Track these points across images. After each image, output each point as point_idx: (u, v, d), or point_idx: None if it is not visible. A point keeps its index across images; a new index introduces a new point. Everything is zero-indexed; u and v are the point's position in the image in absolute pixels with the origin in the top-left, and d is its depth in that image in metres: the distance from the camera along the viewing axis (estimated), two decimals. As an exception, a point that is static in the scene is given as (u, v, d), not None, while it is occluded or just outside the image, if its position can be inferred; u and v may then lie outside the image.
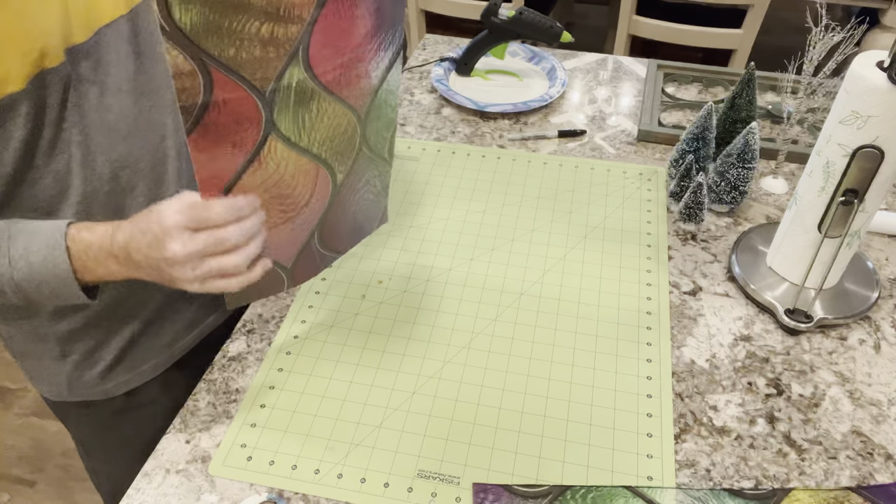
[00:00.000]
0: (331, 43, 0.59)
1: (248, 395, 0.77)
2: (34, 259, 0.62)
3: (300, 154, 0.63)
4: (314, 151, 0.64)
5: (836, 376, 0.79)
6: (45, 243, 0.62)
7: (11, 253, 0.62)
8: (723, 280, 0.90)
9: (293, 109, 0.60)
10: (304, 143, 0.63)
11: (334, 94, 0.62)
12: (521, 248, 0.94)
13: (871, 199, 0.76)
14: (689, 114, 1.20)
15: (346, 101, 0.64)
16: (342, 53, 0.61)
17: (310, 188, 0.66)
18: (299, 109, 0.61)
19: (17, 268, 0.62)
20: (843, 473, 0.70)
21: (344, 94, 0.63)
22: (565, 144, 1.13)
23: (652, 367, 0.79)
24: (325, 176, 0.66)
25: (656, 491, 0.68)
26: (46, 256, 0.62)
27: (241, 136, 0.58)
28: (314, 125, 0.63)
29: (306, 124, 0.62)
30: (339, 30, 0.59)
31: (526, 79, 1.28)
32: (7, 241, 0.62)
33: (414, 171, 1.07)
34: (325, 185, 0.67)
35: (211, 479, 0.70)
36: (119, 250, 0.62)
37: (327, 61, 0.60)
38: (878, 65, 0.70)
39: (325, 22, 0.58)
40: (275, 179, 0.63)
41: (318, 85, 0.61)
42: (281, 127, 0.60)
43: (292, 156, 0.63)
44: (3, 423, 1.76)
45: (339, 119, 0.64)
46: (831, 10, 2.50)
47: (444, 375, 0.79)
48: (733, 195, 0.96)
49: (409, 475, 0.70)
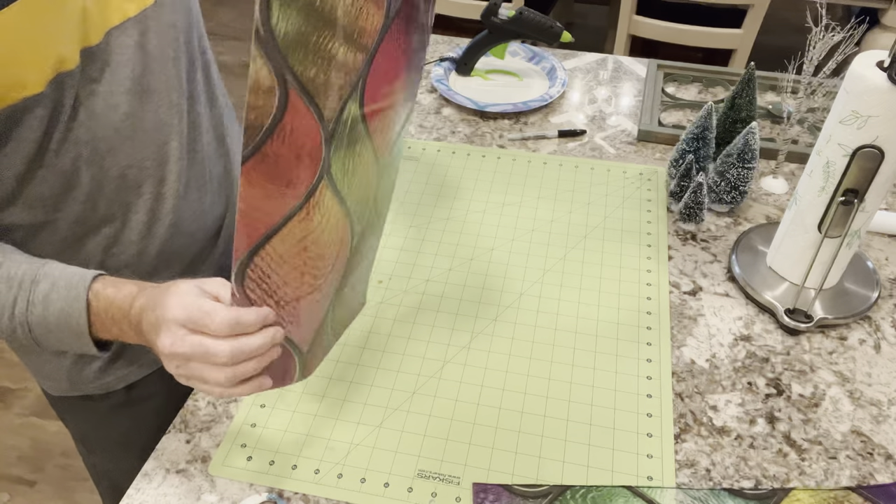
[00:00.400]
0: (381, 80, 0.55)
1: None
2: (52, 308, 0.61)
3: (339, 205, 0.56)
4: (348, 203, 0.57)
5: (836, 376, 0.79)
6: (66, 294, 0.61)
7: (31, 297, 0.62)
8: (723, 280, 0.90)
9: (345, 149, 0.54)
10: (345, 192, 0.56)
11: (371, 138, 0.57)
12: (521, 248, 0.94)
13: (871, 199, 0.76)
14: (689, 114, 1.20)
15: (376, 150, 0.58)
16: (384, 96, 0.56)
17: (337, 248, 0.59)
18: (349, 151, 0.55)
19: (33, 312, 0.62)
20: (843, 473, 0.70)
21: (376, 142, 0.58)
22: (565, 144, 1.13)
23: (652, 367, 0.79)
24: (347, 235, 0.59)
25: (656, 491, 0.68)
26: (64, 308, 0.61)
27: (298, 174, 0.51)
28: (354, 171, 0.56)
29: (349, 169, 0.55)
30: (386, 69, 0.55)
31: (526, 79, 1.28)
32: (30, 284, 0.62)
33: (414, 171, 1.07)
34: (346, 246, 0.60)
35: (211, 479, 0.70)
36: (135, 315, 0.61)
37: (374, 100, 0.55)
38: (878, 65, 0.70)
39: (381, 56, 0.54)
40: (316, 236, 0.55)
41: (365, 129, 0.55)
42: (333, 169, 0.53)
43: (334, 207, 0.56)
44: (3, 423, 1.76)
45: (366, 167, 0.58)
46: (831, 9, 2.50)
47: (443, 375, 0.79)
48: (733, 195, 0.96)
49: (409, 475, 0.70)
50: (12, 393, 1.82)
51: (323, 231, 0.56)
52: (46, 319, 0.62)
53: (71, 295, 0.61)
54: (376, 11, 0.51)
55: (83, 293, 0.61)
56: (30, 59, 0.58)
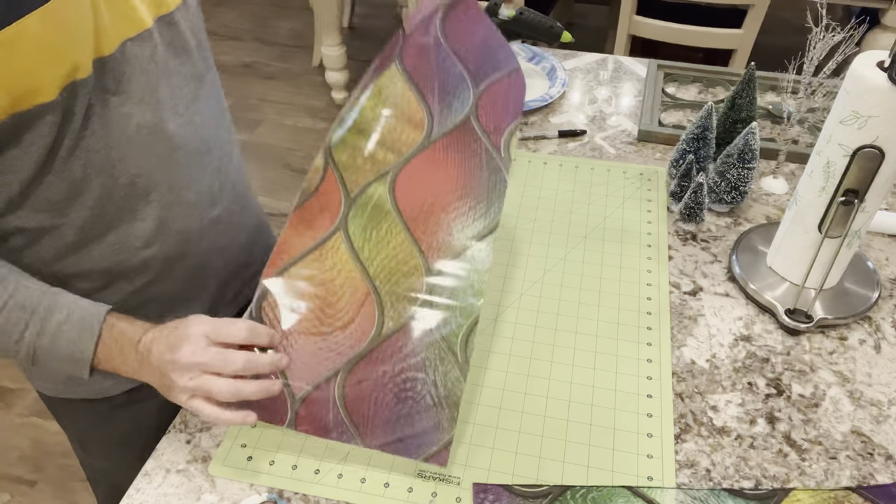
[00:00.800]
0: (420, 177, 0.69)
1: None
2: (63, 338, 0.65)
3: (356, 265, 0.68)
4: (370, 271, 0.67)
5: (837, 376, 0.79)
6: (79, 326, 0.65)
7: (43, 326, 0.64)
8: (723, 280, 0.90)
9: (366, 219, 0.69)
10: (364, 256, 0.68)
11: (407, 227, 0.68)
12: (521, 248, 0.94)
13: (871, 200, 0.76)
14: (690, 114, 1.20)
15: (416, 241, 0.68)
16: (426, 195, 0.69)
17: (353, 311, 0.67)
18: (371, 222, 0.69)
19: (42, 340, 0.65)
20: (843, 474, 0.70)
21: (417, 234, 0.68)
22: (565, 144, 1.13)
23: (652, 367, 0.79)
24: (372, 310, 0.66)
25: (656, 491, 0.68)
26: (74, 339, 0.65)
27: (320, 221, 0.69)
28: (379, 243, 0.68)
29: (372, 238, 0.68)
30: (430, 173, 0.69)
31: (526, 79, 1.27)
32: (45, 312, 0.65)
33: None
34: (369, 320, 0.66)
35: (211, 479, 0.70)
36: (143, 348, 0.65)
37: (410, 193, 0.69)
38: (878, 65, 0.70)
39: (419, 161, 0.70)
40: (327, 278, 0.68)
41: (395, 208, 0.69)
42: (350, 228, 0.69)
43: (349, 264, 0.68)
44: (3, 423, 1.76)
45: (404, 253, 0.68)
46: (831, 10, 2.50)
47: (444, 375, 0.79)
48: (733, 195, 0.96)
49: (409, 475, 0.70)
50: (13, 393, 1.82)
51: (333, 279, 0.68)
52: (54, 347, 0.65)
53: (84, 327, 0.65)
54: (414, 133, 0.71)
55: (96, 326, 0.65)
56: (45, 67, 0.59)
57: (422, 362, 0.66)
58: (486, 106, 0.73)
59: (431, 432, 0.66)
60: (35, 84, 0.59)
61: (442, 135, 0.71)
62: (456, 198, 0.69)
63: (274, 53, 3.19)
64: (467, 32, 0.75)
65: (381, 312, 0.67)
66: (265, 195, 2.40)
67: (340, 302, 0.68)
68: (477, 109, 0.73)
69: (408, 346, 0.67)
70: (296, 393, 0.67)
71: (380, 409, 0.66)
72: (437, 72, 0.73)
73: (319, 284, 0.68)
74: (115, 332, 0.66)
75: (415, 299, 0.68)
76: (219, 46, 3.23)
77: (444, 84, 0.73)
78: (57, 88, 0.60)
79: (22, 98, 0.59)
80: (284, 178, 2.51)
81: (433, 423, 0.66)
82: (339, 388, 0.66)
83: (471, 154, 0.71)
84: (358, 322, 0.67)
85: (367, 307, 0.67)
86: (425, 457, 0.66)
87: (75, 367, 0.66)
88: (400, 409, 0.66)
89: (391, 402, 0.66)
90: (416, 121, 0.72)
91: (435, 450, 0.66)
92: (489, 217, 0.69)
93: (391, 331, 0.67)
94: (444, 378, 0.66)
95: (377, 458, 0.71)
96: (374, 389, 0.66)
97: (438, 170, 0.70)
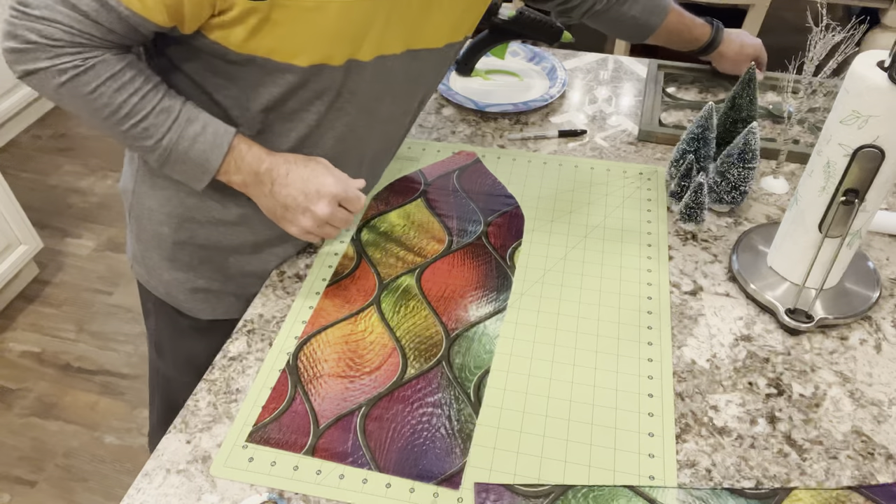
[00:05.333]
0: (441, 274, 0.90)
1: (249, 395, 0.77)
2: (197, 146, 0.75)
3: (385, 328, 0.83)
4: (397, 334, 0.82)
5: (837, 376, 0.79)
6: (212, 140, 0.76)
7: (183, 132, 0.74)
8: (723, 280, 0.90)
9: (396, 299, 0.86)
10: (393, 323, 0.83)
11: (430, 305, 0.86)
12: (522, 248, 0.94)
13: (871, 199, 0.76)
14: (690, 114, 1.20)
15: (438, 315, 0.84)
16: (447, 283, 0.88)
17: (380, 360, 0.80)
18: (400, 301, 0.86)
19: (180, 145, 0.75)
20: (843, 473, 0.70)
21: (439, 310, 0.85)
22: (565, 144, 1.13)
23: (653, 367, 0.79)
24: (397, 360, 0.80)
25: (658, 490, 0.68)
26: (206, 150, 0.76)
27: (356, 299, 0.87)
28: (406, 315, 0.84)
29: (400, 311, 0.85)
30: (450, 272, 0.90)
31: (526, 79, 1.28)
32: (184, 120, 0.75)
33: (414, 171, 1.07)
34: (394, 368, 0.79)
35: (212, 480, 0.70)
36: (267, 175, 0.79)
37: (434, 283, 0.88)
38: (878, 64, 0.70)
39: (441, 263, 0.91)
40: (359, 336, 0.82)
41: (420, 293, 0.87)
42: (382, 305, 0.86)
43: (379, 327, 0.83)
44: (3, 423, 1.76)
45: (427, 323, 0.84)
46: (831, 9, 2.50)
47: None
48: (734, 195, 0.96)
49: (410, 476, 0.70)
50: (13, 393, 1.82)
51: (364, 337, 0.82)
52: (188, 152, 0.75)
53: (216, 143, 0.76)
54: (437, 245, 0.94)
55: (225, 143, 0.76)
56: (338, 42, 0.73)
57: (438, 401, 0.76)
58: (494, 232, 0.96)
59: (445, 459, 0.71)
60: (328, 51, 0.73)
61: (460, 247, 0.93)
62: (472, 289, 0.88)
63: (274, 53, 3.18)
64: (478, 183, 1.04)
65: (404, 362, 0.80)
66: (265, 195, 2.39)
67: (369, 354, 0.80)
68: (487, 234, 0.95)
69: (427, 388, 0.77)
70: (320, 423, 0.74)
71: (397, 438, 0.72)
72: (455, 209, 0.99)
73: (352, 341, 0.82)
74: (237, 153, 0.78)
75: (435, 354, 0.80)
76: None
77: (461, 217, 0.98)
78: (343, 60, 0.74)
79: (331, 57, 0.74)
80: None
81: (446, 450, 0.72)
82: (360, 419, 0.74)
83: (483, 262, 0.92)
84: (384, 368, 0.79)
85: (392, 358, 0.80)
86: (438, 481, 0.69)
87: (200, 174, 0.78)
88: (415, 439, 0.72)
89: (408, 433, 0.73)
90: (438, 238, 0.94)
91: (449, 474, 0.70)
92: (499, 303, 0.87)
93: (412, 376, 0.78)
94: (458, 414, 0.75)
95: (378, 458, 0.71)
96: (393, 421, 0.74)
97: (457, 270, 0.90)
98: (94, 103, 0.71)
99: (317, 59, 0.73)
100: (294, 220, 0.81)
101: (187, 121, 0.75)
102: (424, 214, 0.98)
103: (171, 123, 0.74)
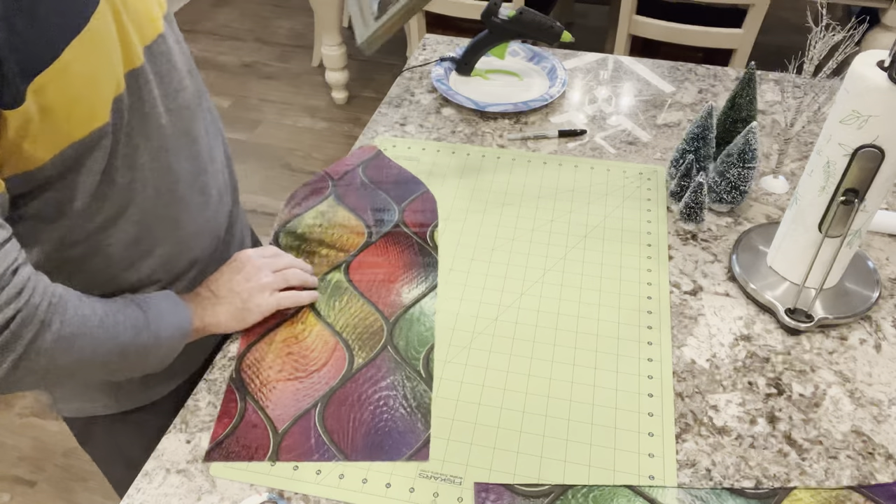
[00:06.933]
0: (368, 264, 0.91)
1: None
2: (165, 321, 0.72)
3: (325, 326, 0.84)
4: (337, 328, 0.83)
5: (837, 376, 0.79)
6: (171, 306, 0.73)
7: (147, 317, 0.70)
8: (723, 280, 0.90)
9: (328, 296, 0.87)
10: (331, 320, 0.84)
11: (364, 295, 0.87)
12: (522, 248, 0.94)
13: (871, 199, 0.76)
14: (690, 114, 1.20)
15: (374, 304, 0.86)
16: (375, 273, 0.90)
17: (325, 357, 0.80)
18: (333, 296, 0.87)
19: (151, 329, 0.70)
20: (843, 473, 0.70)
21: (374, 299, 0.87)
22: (565, 144, 1.13)
23: (653, 367, 0.79)
24: (343, 354, 0.81)
25: (658, 490, 0.68)
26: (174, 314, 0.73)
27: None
28: (342, 309, 0.85)
29: (335, 306, 0.86)
30: (375, 261, 0.92)
31: (526, 78, 1.28)
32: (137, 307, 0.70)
33: (414, 171, 1.07)
34: (341, 361, 0.80)
35: (211, 480, 0.70)
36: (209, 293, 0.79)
37: (362, 274, 0.90)
38: (878, 64, 0.70)
39: (365, 255, 0.93)
40: (300, 338, 0.82)
41: (351, 286, 0.88)
42: (316, 303, 0.86)
43: (317, 325, 0.84)
44: (3, 423, 1.76)
45: (364, 313, 0.85)
46: (831, 9, 2.50)
47: (445, 375, 0.79)
48: (734, 195, 0.96)
49: (410, 475, 0.70)
50: (13, 393, 1.82)
51: (306, 337, 0.83)
52: (162, 329, 0.71)
53: (175, 303, 0.73)
54: (358, 238, 0.95)
55: (178, 298, 0.74)
56: (95, 91, 0.60)
57: (391, 383, 0.78)
58: (409, 217, 0.99)
59: (409, 434, 0.73)
60: (89, 110, 0.60)
61: (380, 236, 0.95)
62: (400, 273, 0.90)
63: (274, 53, 3.19)
64: (384, 174, 1.06)
65: (350, 354, 0.81)
66: (265, 195, 2.40)
67: (314, 353, 0.81)
68: (404, 220, 0.98)
69: (378, 373, 0.79)
70: (278, 428, 0.74)
71: (359, 425, 0.74)
72: (367, 201, 1.01)
73: (293, 343, 0.82)
74: (185, 298, 0.76)
75: (379, 341, 0.82)
76: (219, 46, 3.23)
77: (375, 207, 1.00)
78: (108, 110, 0.61)
79: (80, 126, 0.60)
80: (284, 178, 2.51)
81: (409, 426, 0.74)
82: (318, 416, 0.75)
83: (406, 246, 0.94)
84: (331, 364, 0.80)
85: (338, 352, 0.81)
86: (407, 456, 0.71)
87: (183, 338, 0.74)
88: (377, 423, 0.74)
89: (368, 418, 0.74)
90: (357, 231, 0.96)
91: (416, 448, 0.72)
92: (428, 282, 0.89)
93: (361, 366, 0.80)
94: (412, 392, 0.77)
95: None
96: (351, 411, 0.75)
97: (382, 258, 0.92)
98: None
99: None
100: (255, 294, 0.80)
101: (139, 306, 0.70)
102: (339, 211, 0.99)
103: (134, 315, 0.69)
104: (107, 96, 0.61)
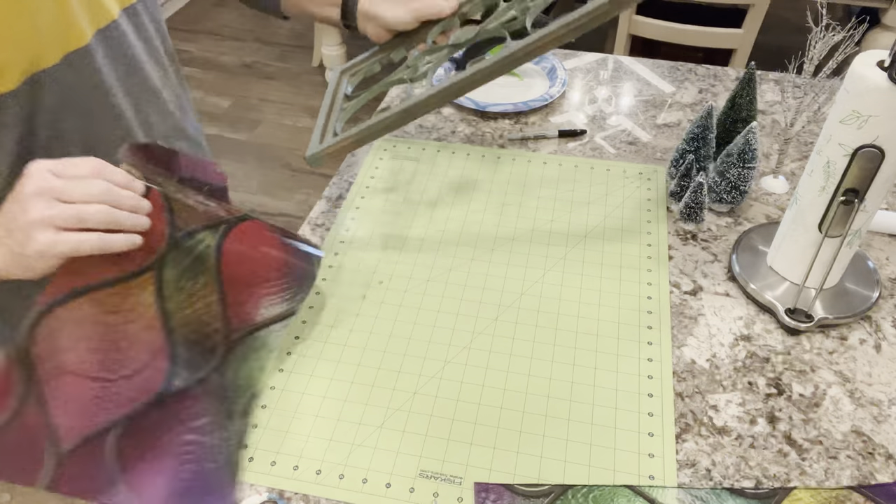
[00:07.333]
0: (253, 239, 0.68)
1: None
2: None
3: (159, 316, 0.61)
4: (172, 324, 0.62)
5: (837, 376, 0.79)
6: None
7: None
8: (723, 280, 0.90)
9: (187, 266, 0.63)
10: (170, 307, 0.62)
11: (222, 287, 0.65)
12: (521, 248, 0.94)
13: (871, 199, 0.76)
14: (689, 114, 1.20)
15: (225, 307, 0.65)
16: (253, 258, 0.68)
17: (142, 362, 0.61)
18: (190, 271, 0.63)
19: None
20: (843, 473, 0.70)
21: (230, 297, 0.65)
22: (565, 144, 1.13)
23: (653, 367, 0.79)
24: (164, 364, 0.61)
25: (658, 490, 0.68)
26: None
27: (134, 254, 0.59)
28: (189, 297, 0.63)
29: (185, 288, 0.63)
30: (260, 241, 0.68)
31: (526, 78, 1.28)
32: None
33: (414, 171, 1.07)
34: (158, 375, 0.61)
35: (212, 480, 0.70)
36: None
37: (238, 252, 0.66)
38: (878, 64, 0.70)
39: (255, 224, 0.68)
40: (121, 319, 0.60)
41: (217, 264, 0.64)
42: (166, 271, 0.62)
43: (151, 311, 0.61)
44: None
45: (209, 315, 0.64)
46: (831, 9, 2.50)
47: (445, 375, 0.79)
48: (734, 195, 0.96)
49: (410, 475, 0.70)
50: None
51: (129, 322, 0.60)
52: None
53: None
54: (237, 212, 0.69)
55: None
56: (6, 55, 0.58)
57: (205, 427, 0.63)
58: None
59: (210, 497, 0.62)
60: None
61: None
62: (276, 276, 0.71)
63: (274, 53, 3.19)
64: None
65: (172, 367, 0.62)
66: (264, 195, 2.40)
67: (132, 350, 0.61)
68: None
69: (193, 406, 0.63)
70: (61, 443, 0.56)
71: (160, 471, 0.60)
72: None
73: (112, 326, 0.60)
74: None
75: (207, 362, 0.65)
76: (219, 46, 3.23)
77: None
78: (18, 78, 0.59)
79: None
80: (284, 178, 2.51)
81: (215, 485, 0.63)
82: (114, 445, 0.58)
83: (293, 247, 0.74)
84: (147, 373, 0.61)
85: (159, 360, 0.62)
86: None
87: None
88: (179, 473, 0.61)
89: (171, 464, 0.61)
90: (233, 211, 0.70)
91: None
92: (294, 303, 0.72)
93: (178, 388, 0.63)
94: (224, 443, 0.65)
95: (379, 459, 0.71)
96: (154, 449, 0.61)
97: (269, 242, 0.71)
98: None
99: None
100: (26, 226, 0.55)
101: None
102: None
103: None
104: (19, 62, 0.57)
